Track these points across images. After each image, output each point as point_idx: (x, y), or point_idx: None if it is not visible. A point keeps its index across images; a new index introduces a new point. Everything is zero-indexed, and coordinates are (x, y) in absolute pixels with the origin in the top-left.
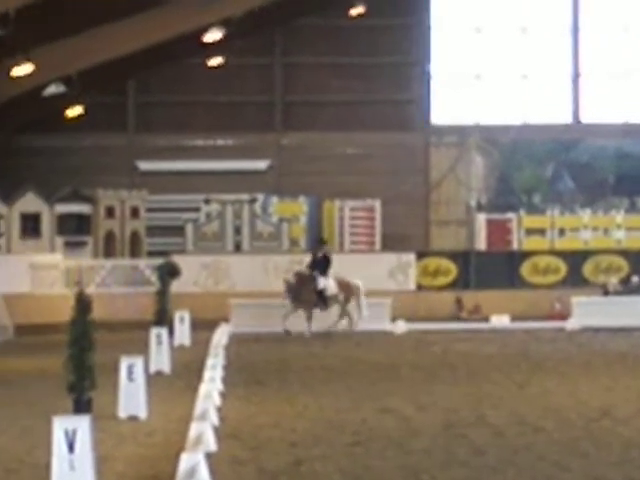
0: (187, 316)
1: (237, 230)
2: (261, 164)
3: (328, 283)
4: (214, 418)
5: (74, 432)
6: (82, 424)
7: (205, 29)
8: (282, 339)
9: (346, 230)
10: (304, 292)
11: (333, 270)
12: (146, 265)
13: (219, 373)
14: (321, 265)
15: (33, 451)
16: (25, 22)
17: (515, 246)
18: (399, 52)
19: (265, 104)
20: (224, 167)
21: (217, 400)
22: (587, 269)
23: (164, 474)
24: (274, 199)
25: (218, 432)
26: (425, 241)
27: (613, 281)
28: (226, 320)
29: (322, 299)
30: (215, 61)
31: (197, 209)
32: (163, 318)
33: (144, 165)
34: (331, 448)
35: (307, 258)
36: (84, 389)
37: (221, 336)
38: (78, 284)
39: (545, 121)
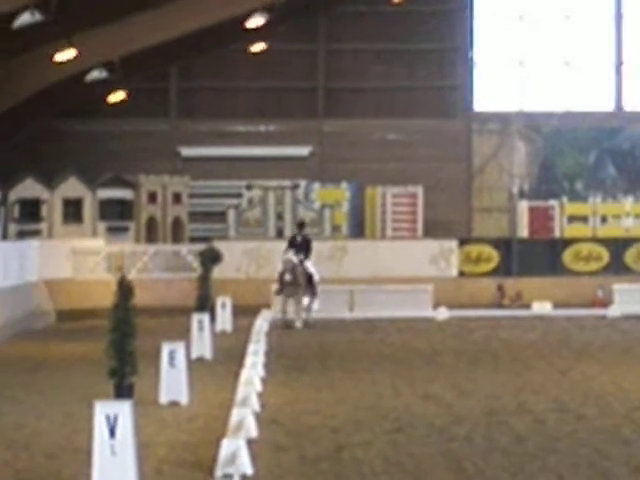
0: (229, 302)
1: (279, 216)
2: (303, 150)
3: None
4: (255, 404)
5: (115, 417)
6: (123, 409)
7: (248, 15)
8: (323, 324)
9: (388, 217)
10: (295, 278)
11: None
12: (188, 251)
13: (260, 359)
14: (302, 249)
15: (74, 436)
16: (68, 8)
17: (557, 233)
18: (442, 38)
19: (307, 90)
20: (266, 153)
21: (258, 386)
22: (629, 256)
23: (205, 460)
24: (316, 185)
25: (259, 418)
26: (467, 228)
27: None
28: (268, 306)
29: (311, 285)
30: (258, 47)
31: (239, 195)
32: (205, 304)
33: (186, 151)
34: (372, 434)
35: (350, 244)
36: (125, 374)
37: (262, 322)
38: (120, 270)
39: (588, 108)
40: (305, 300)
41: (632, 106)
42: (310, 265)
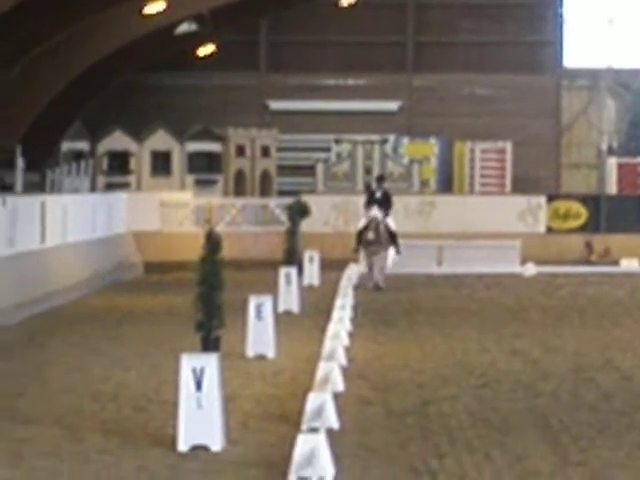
0: (316, 256)
1: (367, 170)
2: (392, 105)
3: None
4: (342, 358)
5: (202, 370)
6: (210, 362)
7: None
8: (411, 280)
9: (476, 172)
10: (378, 236)
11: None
12: (276, 204)
13: (347, 313)
14: (382, 204)
15: (161, 389)
16: None
17: None
18: None
19: (397, 44)
20: (355, 107)
21: (345, 340)
22: None
23: (291, 413)
24: (405, 140)
25: (346, 372)
26: (556, 184)
27: None
28: (355, 260)
29: (395, 243)
30: (347, 0)
31: (328, 149)
32: (292, 258)
33: (275, 104)
34: (459, 389)
35: (438, 199)
36: (212, 327)
37: (350, 276)
38: (208, 222)
39: None
40: (389, 259)
41: None
42: (391, 221)
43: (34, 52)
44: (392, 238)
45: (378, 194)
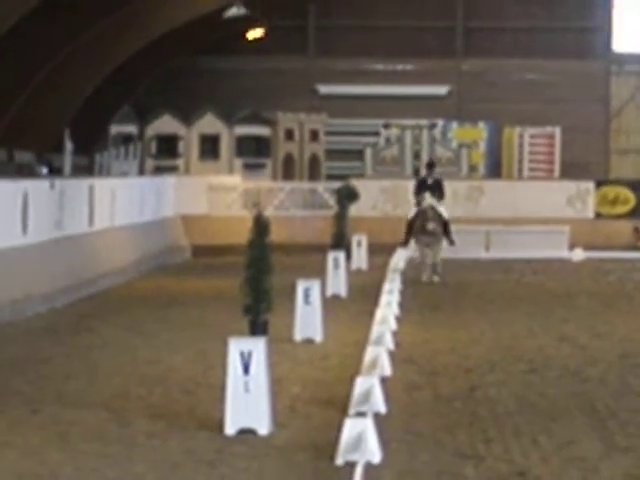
0: (365, 240)
1: (416, 155)
2: (441, 89)
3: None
4: (390, 343)
5: (249, 354)
6: (258, 346)
7: None
8: (459, 264)
9: (525, 157)
10: (436, 227)
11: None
12: (325, 188)
13: (395, 298)
14: (434, 192)
15: (208, 372)
16: None
17: None
18: None
19: (446, 29)
20: (404, 92)
21: (393, 324)
22: None
23: (339, 397)
24: (454, 125)
25: (393, 357)
26: (604, 169)
27: None
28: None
29: (448, 233)
30: None
31: (376, 133)
32: (341, 242)
33: (324, 89)
34: (506, 375)
35: (487, 184)
36: (260, 311)
37: (398, 261)
38: (256, 206)
39: None
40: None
41: None
42: (444, 210)
43: (84, 36)
44: (445, 228)
45: (430, 181)
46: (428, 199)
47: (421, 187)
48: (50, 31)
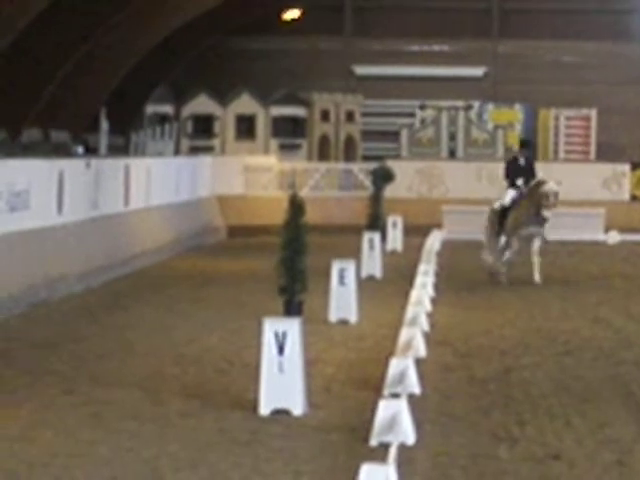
0: (400, 221)
1: (452, 136)
2: (477, 71)
3: None
4: (424, 324)
5: (284, 334)
6: (292, 326)
7: None
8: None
9: (561, 139)
10: (546, 214)
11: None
12: (360, 169)
13: (430, 279)
14: (526, 175)
15: (243, 352)
16: None
17: None
18: None
19: (482, 11)
20: (440, 73)
21: (428, 306)
22: None
23: (373, 378)
24: (490, 106)
25: (428, 338)
26: None
27: None
28: (439, 226)
29: (540, 221)
30: None
31: (412, 114)
32: (376, 223)
33: (360, 69)
34: (541, 357)
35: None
36: (295, 292)
37: (433, 242)
38: (292, 186)
39: None
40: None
41: None
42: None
43: (116, 17)
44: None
45: (522, 161)
46: (551, 183)
47: (513, 168)
48: (83, 12)
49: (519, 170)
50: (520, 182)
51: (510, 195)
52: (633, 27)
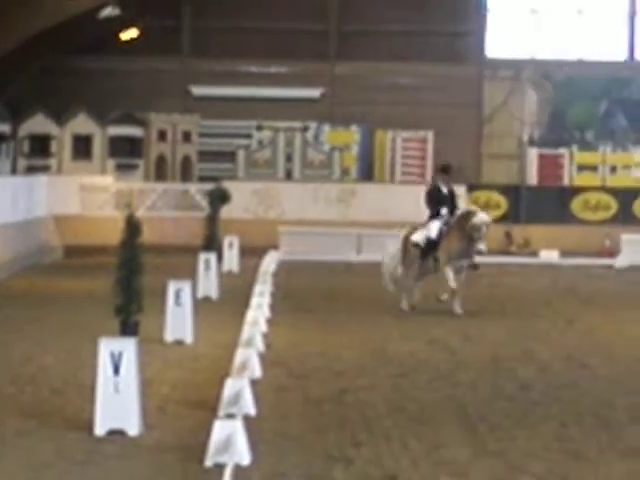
0: (236, 242)
1: (288, 157)
2: (314, 92)
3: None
4: (260, 345)
5: (120, 354)
6: (128, 346)
7: None
8: (330, 267)
9: (398, 161)
10: (482, 248)
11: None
12: (197, 190)
13: (266, 300)
14: (450, 203)
15: (79, 372)
16: None
17: (566, 182)
18: None
19: (320, 32)
20: (277, 94)
21: (264, 327)
22: (637, 207)
23: (209, 399)
24: (326, 127)
25: (264, 359)
26: (476, 174)
27: None
28: (275, 247)
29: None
30: None
31: (249, 135)
32: (212, 243)
33: (197, 90)
34: (377, 378)
35: (359, 187)
36: (131, 312)
37: (269, 263)
38: (128, 207)
39: (599, 58)
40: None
41: None
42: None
43: None
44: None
45: (444, 189)
46: (481, 214)
47: (436, 197)
48: None
49: (442, 199)
50: (444, 211)
51: (436, 227)
52: (470, 50)
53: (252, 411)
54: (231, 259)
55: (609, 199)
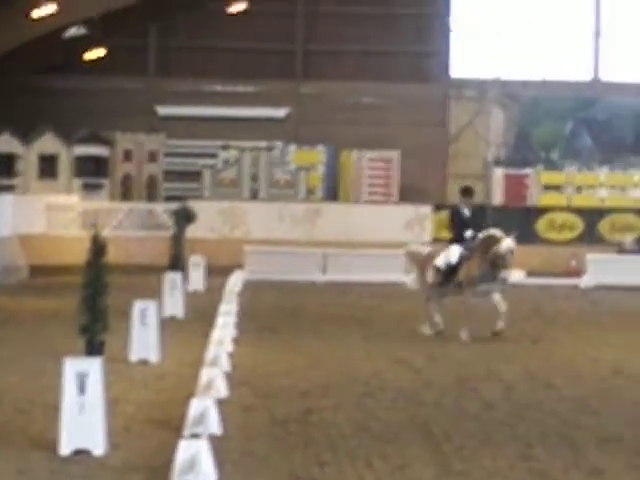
0: (202, 261)
1: (254, 177)
2: (280, 112)
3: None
4: (226, 364)
5: (85, 374)
6: (93, 366)
7: None
8: (295, 287)
9: (363, 181)
10: (504, 275)
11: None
12: (162, 209)
13: (232, 319)
14: (474, 226)
15: (44, 392)
16: None
17: (532, 202)
18: (420, 4)
19: (286, 52)
20: (243, 114)
21: (229, 346)
22: (603, 227)
23: (174, 418)
24: (292, 147)
25: (229, 378)
26: (442, 194)
27: (629, 239)
28: (240, 266)
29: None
30: (237, 7)
31: (215, 155)
32: (178, 263)
33: (163, 110)
34: (342, 398)
35: (324, 207)
36: (96, 331)
37: (235, 282)
38: (94, 226)
39: (565, 78)
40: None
41: (609, 76)
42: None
43: None
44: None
45: (466, 212)
46: (507, 240)
47: (458, 220)
48: None
49: (464, 222)
50: (469, 234)
51: (457, 252)
52: (434, 69)
53: (218, 431)
54: (197, 279)
55: (575, 219)
